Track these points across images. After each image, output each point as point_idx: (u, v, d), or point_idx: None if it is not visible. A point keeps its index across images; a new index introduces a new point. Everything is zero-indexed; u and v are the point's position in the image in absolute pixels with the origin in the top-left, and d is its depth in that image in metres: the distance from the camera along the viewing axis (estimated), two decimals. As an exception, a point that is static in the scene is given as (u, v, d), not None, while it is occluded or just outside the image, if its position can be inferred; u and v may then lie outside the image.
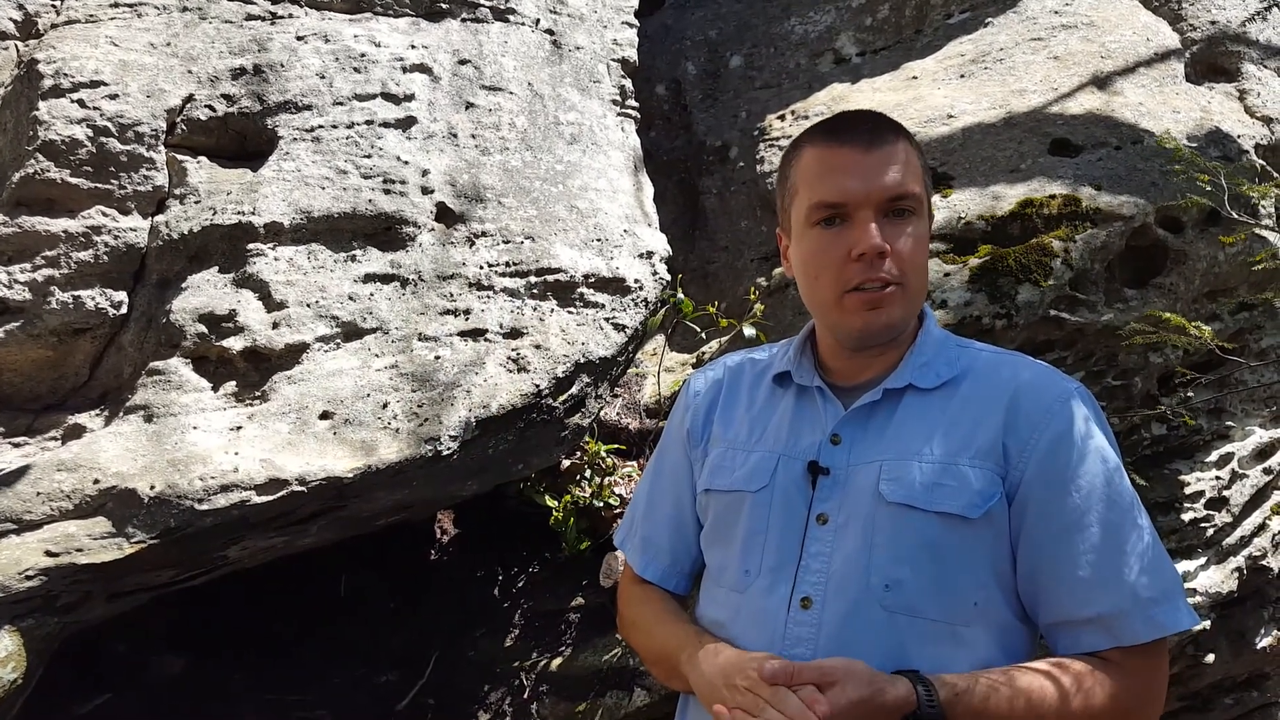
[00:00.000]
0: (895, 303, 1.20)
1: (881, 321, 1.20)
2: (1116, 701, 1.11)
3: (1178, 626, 1.12)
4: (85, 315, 2.36)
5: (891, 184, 1.19)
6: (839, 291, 1.20)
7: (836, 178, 1.20)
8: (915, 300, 1.23)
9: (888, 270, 1.18)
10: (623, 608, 1.44)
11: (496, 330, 2.45)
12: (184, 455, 2.14)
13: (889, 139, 1.22)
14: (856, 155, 1.20)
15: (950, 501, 1.14)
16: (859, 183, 1.19)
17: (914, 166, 1.22)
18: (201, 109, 2.53)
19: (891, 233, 1.19)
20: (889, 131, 1.23)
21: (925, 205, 1.25)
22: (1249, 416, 2.88)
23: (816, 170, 1.22)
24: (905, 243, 1.19)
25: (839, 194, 1.19)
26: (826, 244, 1.21)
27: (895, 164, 1.20)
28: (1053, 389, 1.21)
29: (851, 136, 1.22)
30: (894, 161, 1.20)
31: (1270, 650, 2.83)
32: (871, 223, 1.18)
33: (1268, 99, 3.05)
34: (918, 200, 1.22)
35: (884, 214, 1.19)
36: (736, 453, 1.31)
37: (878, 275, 1.18)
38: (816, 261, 1.22)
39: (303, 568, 2.79)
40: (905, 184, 1.20)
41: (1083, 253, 2.54)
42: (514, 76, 2.82)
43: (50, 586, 2.04)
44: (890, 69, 3.37)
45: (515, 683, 2.67)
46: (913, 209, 1.21)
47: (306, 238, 2.44)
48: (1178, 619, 1.12)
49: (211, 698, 2.62)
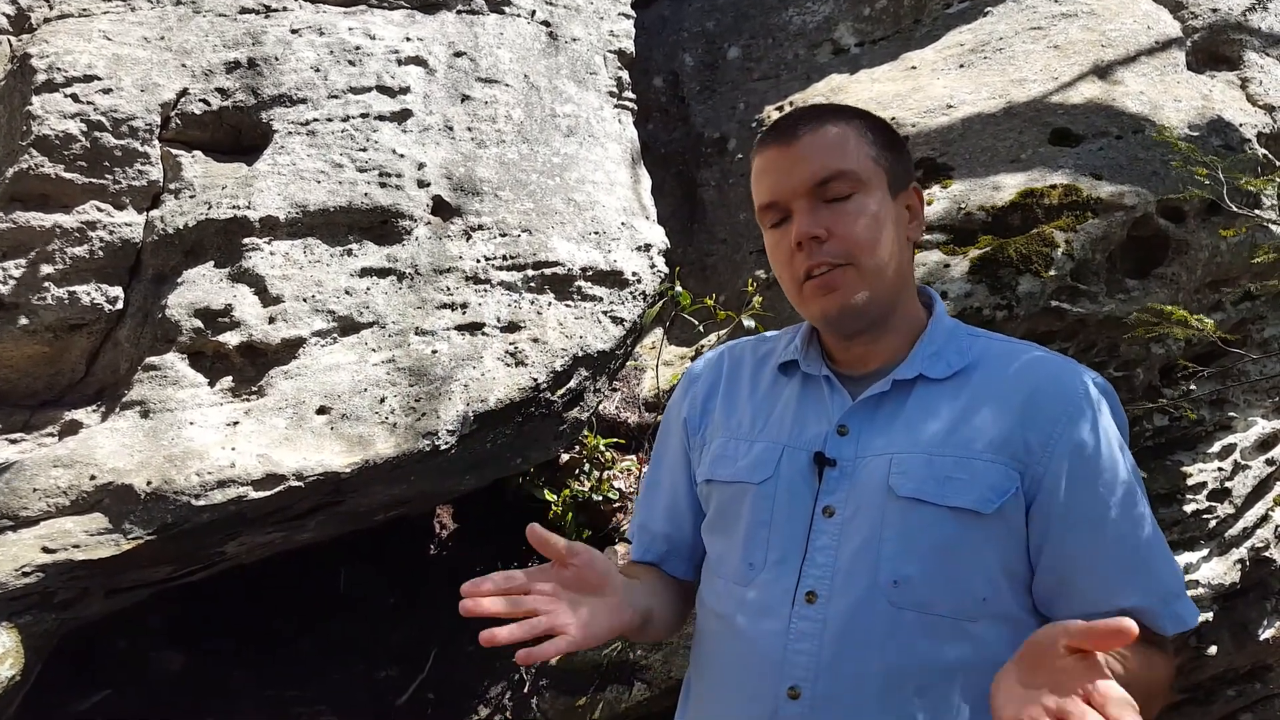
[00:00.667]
0: (850, 283, 1.17)
1: (838, 303, 1.18)
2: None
3: (1195, 621, 1.13)
4: (81, 311, 2.35)
5: (815, 169, 1.17)
6: (797, 285, 1.20)
7: (767, 178, 1.21)
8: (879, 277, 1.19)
9: (828, 253, 1.17)
10: None
11: (494, 324, 2.44)
12: (180, 451, 2.14)
13: (816, 126, 1.20)
14: (780, 151, 1.20)
15: (963, 496, 1.12)
16: (784, 177, 1.19)
17: (852, 143, 1.20)
18: (196, 103, 2.52)
19: (828, 216, 1.17)
20: (818, 119, 1.21)
21: (877, 180, 1.21)
22: (1251, 407, 2.86)
23: (755, 175, 1.24)
24: (845, 222, 1.17)
25: (770, 193, 1.20)
26: (776, 242, 1.22)
27: (821, 148, 1.18)
28: (1072, 382, 1.19)
29: (776, 135, 1.22)
30: (821, 146, 1.18)
31: (1273, 642, 2.82)
32: (803, 212, 1.17)
33: (1270, 87, 3.03)
34: (854, 177, 1.18)
35: (817, 200, 1.18)
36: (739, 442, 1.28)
37: (819, 260, 1.17)
38: (775, 260, 1.23)
39: (302, 563, 2.78)
40: (832, 164, 1.17)
41: (1084, 243, 2.52)
42: (510, 69, 2.81)
43: (47, 583, 2.04)
44: (889, 59, 3.35)
45: (515, 677, 2.66)
46: (849, 188, 1.18)
47: (302, 232, 2.43)
48: (1194, 613, 1.14)
49: (211, 694, 2.62)
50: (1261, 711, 2.95)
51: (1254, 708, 2.95)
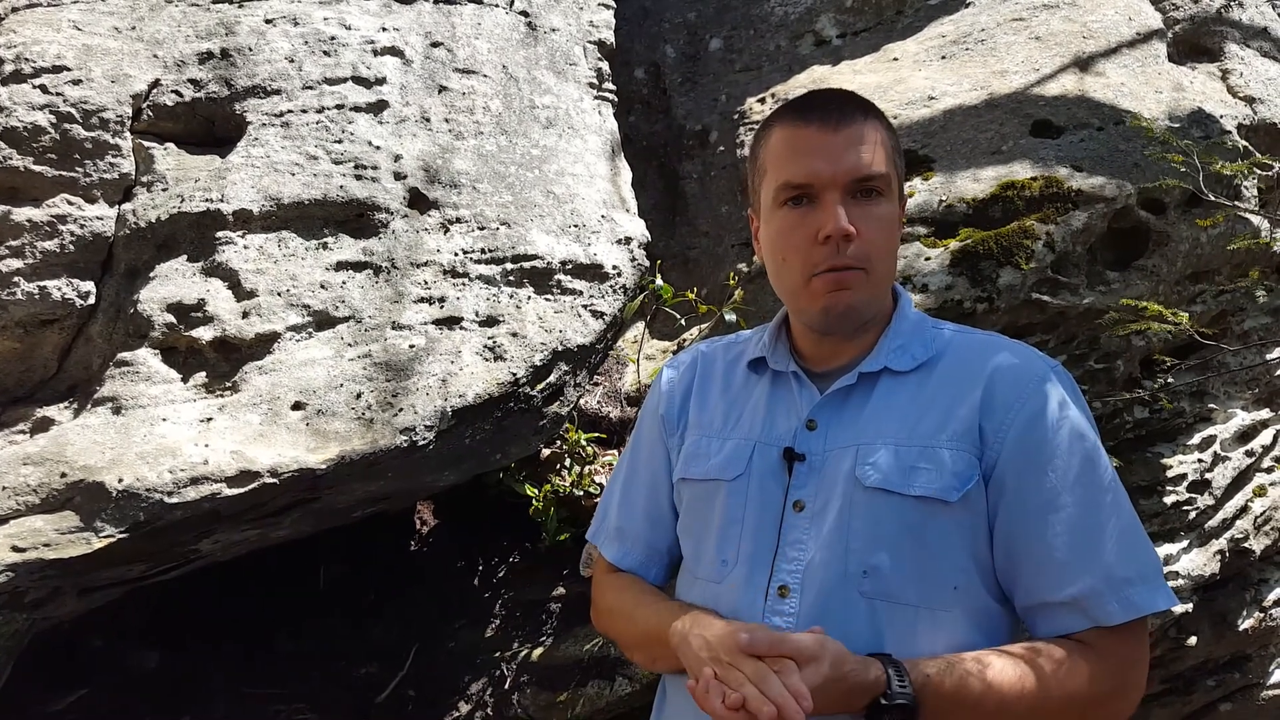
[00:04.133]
0: (860, 286, 1.19)
1: (844, 302, 1.19)
2: (1094, 684, 1.09)
3: (1153, 607, 1.10)
4: (52, 306, 2.31)
5: (859, 165, 1.17)
6: (807, 275, 1.19)
7: (803, 158, 1.18)
8: (880, 285, 1.22)
9: (853, 254, 1.17)
10: (598, 598, 1.42)
11: (472, 318, 2.42)
12: (153, 448, 2.11)
13: (857, 118, 1.20)
14: (824, 135, 1.18)
15: (927, 485, 1.13)
16: (825, 163, 1.17)
17: (883, 147, 1.20)
18: (168, 94, 2.48)
19: (858, 215, 1.17)
20: (858, 111, 1.21)
21: (895, 187, 1.23)
22: (1231, 399, 2.87)
23: (784, 151, 1.21)
24: (872, 226, 1.18)
25: (806, 174, 1.18)
26: (794, 224, 1.19)
27: (864, 144, 1.18)
28: (1029, 369, 1.19)
29: (819, 116, 1.19)
30: (862, 141, 1.18)
31: (1252, 632, 2.83)
32: (838, 205, 1.16)
33: (1250, 79, 3.03)
34: (886, 181, 1.19)
35: (851, 195, 1.18)
36: (711, 440, 1.29)
37: (843, 260, 1.17)
38: (785, 243, 1.21)
39: (280, 560, 2.76)
40: (873, 165, 1.18)
41: (1064, 235, 2.52)
42: (488, 59, 2.78)
43: (17, 582, 2.00)
44: (871, 51, 3.33)
45: (496, 673, 2.65)
46: (881, 190, 1.19)
47: (276, 225, 2.40)
48: (1154, 599, 1.11)
49: (189, 692, 2.59)
50: (1241, 701, 2.96)
51: (1233, 697, 2.96)
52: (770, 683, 1.00)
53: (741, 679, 1.01)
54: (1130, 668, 1.13)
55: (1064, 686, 1.08)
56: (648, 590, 1.34)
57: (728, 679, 1.02)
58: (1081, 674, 1.09)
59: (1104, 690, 1.10)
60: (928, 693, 1.05)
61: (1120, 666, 1.12)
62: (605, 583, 1.40)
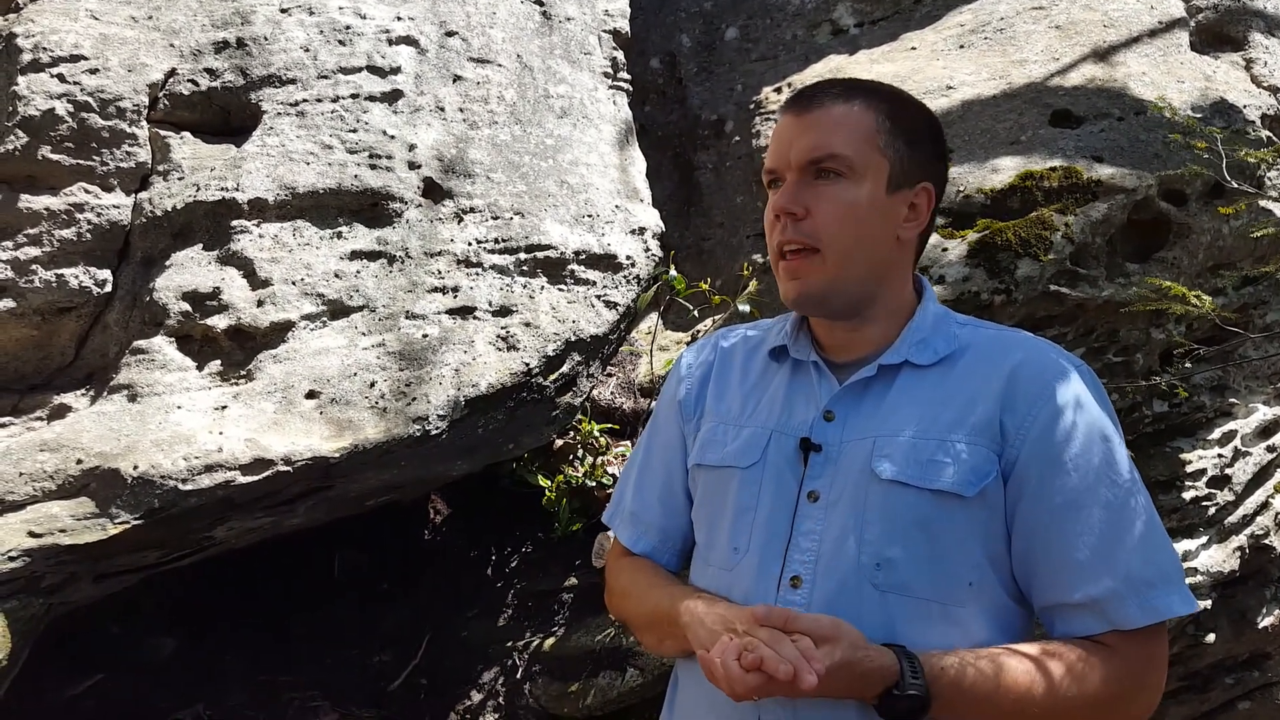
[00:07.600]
0: (813, 271, 1.17)
1: (797, 290, 1.19)
2: (1109, 687, 1.07)
3: (1172, 612, 1.08)
4: (69, 294, 2.33)
5: (811, 146, 1.16)
6: (775, 258, 1.21)
7: (775, 144, 1.22)
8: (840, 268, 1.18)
9: (801, 232, 1.16)
10: (611, 580, 1.41)
11: (485, 308, 2.41)
12: (168, 435, 2.12)
13: (828, 102, 1.18)
14: (791, 119, 1.20)
15: (944, 479, 1.11)
16: (785, 147, 1.19)
17: (853, 129, 1.17)
18: (184, 83, 2.49)
19: (810, 195, 1.16)
20: (835, 95, 1.19)
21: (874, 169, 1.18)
22: (1253, 393, 2.83)
23: (771, 139, 1.24)
24: (824, 206, 1.16)
25: (772, 160, 1.21)
26: (767, 208, 1.22)
27: (822, 125, 1.17)
28: (1052, 366, 1.17)
29: (795, 103, 1.21)
30: (821, 123, 1.17)
31: (1272, 629, 2.80)
32: (790, 185, 1.18)
33: (1275, 68, 2.98)
34: (845, 162, 1.16)
35: (808, 176, 1.17)
36: (728, 428, 1.28)
37: (791, 237, 1.17)
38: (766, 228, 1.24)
39: (295, 548, 2.77)
40: (825, 145, 1.16)
41: (1084, 226, 2.49)
42: (502, 48, 2.77)
43: (34, 568, 2.02)
44: (888, 40, 3.30)
45: (508, 663, 2.65)
46: (839, 171, 1.16)
47: (291, 214, 2.40)
48: (1172, 604, 1.08)
49: (203, 678, 2.61)
50: (1260, 699, 2.93)
51: (1252, 695, 2.93)
52: (786, 646, 0.99)
53: (757, 643, 1.01)
54: (1149, 670, 1.11)
55: (1080, 688, 1.07)
56: (660, 574, 1.33)
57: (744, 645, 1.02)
58: (1098, 676, 1.07)
59: (1121, 692, 1.08)
60: (941, 685, 1.04)
61: (1138, 669, 1.10)
62: (619, 566, 1.40)
